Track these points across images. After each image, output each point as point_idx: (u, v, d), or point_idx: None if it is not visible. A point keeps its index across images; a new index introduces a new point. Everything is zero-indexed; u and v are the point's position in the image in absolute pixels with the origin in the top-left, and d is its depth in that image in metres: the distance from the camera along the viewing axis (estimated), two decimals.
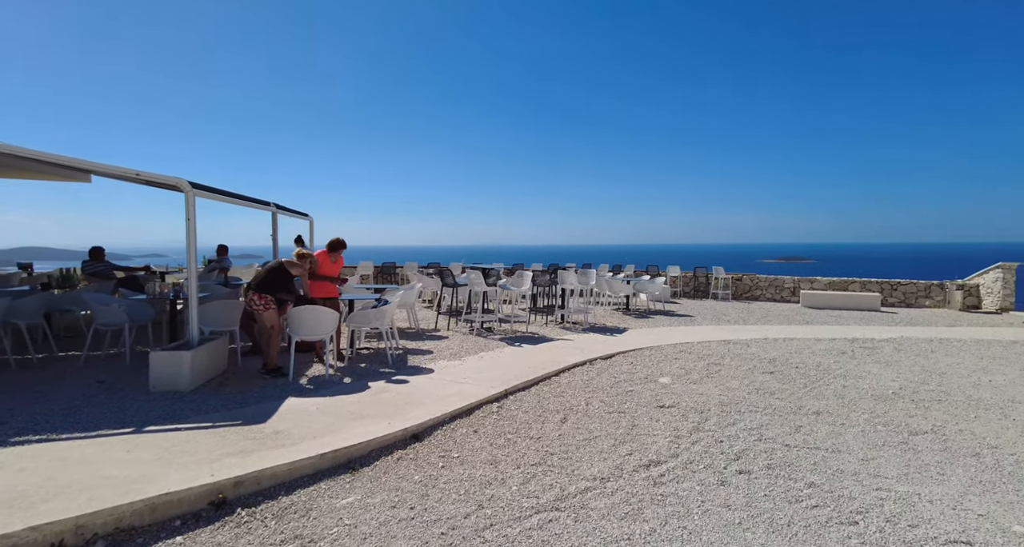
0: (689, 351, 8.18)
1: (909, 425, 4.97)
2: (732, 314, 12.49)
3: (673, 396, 5.81)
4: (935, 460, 4.18)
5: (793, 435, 4.70)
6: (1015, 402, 5.66)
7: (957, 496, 3.59)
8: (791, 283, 15.70)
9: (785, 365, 7.30)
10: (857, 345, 8.80)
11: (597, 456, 4.19)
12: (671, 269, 16.86)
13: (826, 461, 4.15)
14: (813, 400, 5.74)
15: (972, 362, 7.56)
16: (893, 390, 6.10)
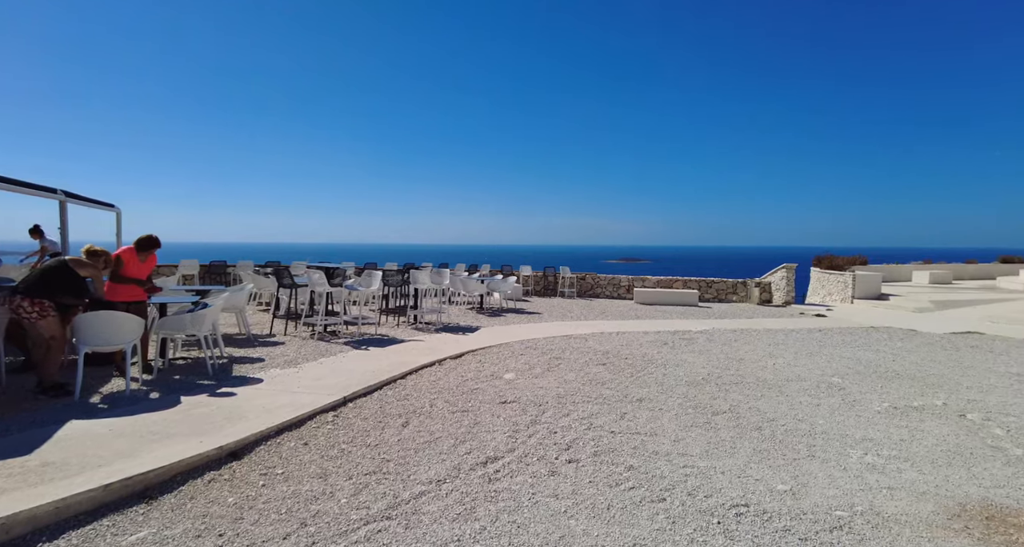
0: (534, 347, 8.53)
1: (712, 406, 5.68)
2: (576, 311, 13.33)
3: (516, 391, 5.99)
4: (729, 436, 4.81)
5: (619, 422, 5.11)
6: (788, 380, 6.78)
7: (742, 465, 4.17)
8: (626, 282, 17.23)
9: (616, 357, 7.95)
10: (677, 337, 9.90)
11: (436, 458, 4.14)
12: (523, 269, 17.52)
13: (644, 444, 4.56)
14: (638, 388, 6.31)
15: (763, 348, 8.92)
16: (703, 376, 6.95)
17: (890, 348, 9.04)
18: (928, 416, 5.41)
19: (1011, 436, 4.82)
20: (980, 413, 5.48)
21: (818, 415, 5.41)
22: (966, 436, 4.83)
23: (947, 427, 5.07)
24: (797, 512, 3.43)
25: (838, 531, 3.21)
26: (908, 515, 3.41)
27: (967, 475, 4.00)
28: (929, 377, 7.05)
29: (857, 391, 6.33)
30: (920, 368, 7.55)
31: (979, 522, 3.32)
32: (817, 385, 6.56)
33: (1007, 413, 5.50)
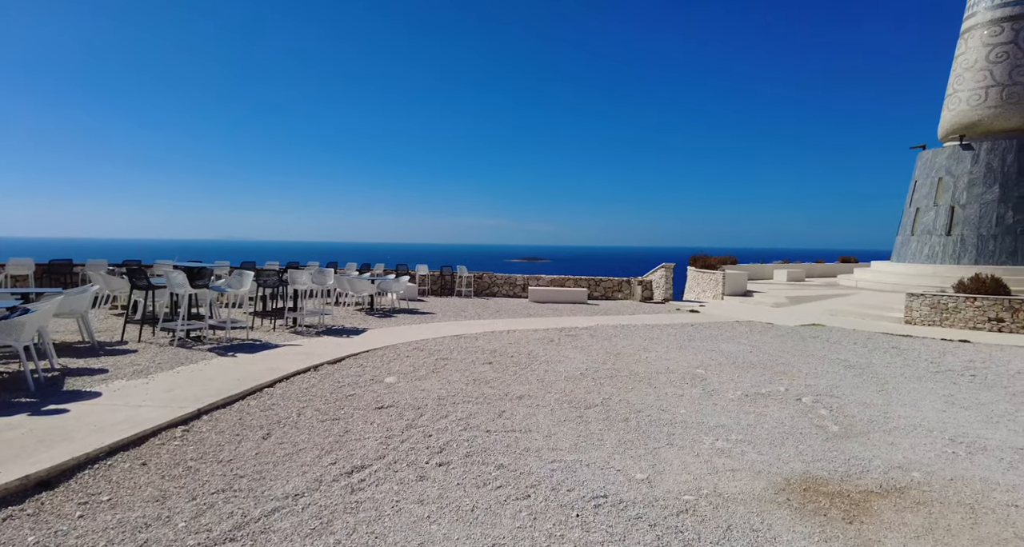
0: (422, 348, 8.38)
1: (586, 400, 5.90)
2: (470, 310, 13.33)
3: (395, 395, 5.83)
4: (598, 429, 5.02)
5: (496, 420, 5.14)
6: (658, 373, 7.24)
7: (607, 457, 4.36)
8: (522, 281, 17.55)
9: (503, 355, 8.03)
10: (564, 333, 10.23)
11: (296, 471, 3.89)
12: (419, 268, 17.23)
13: (518, 442, 4.62)
14: (519, 385, 6.41)
15: (639, 343, 9.47)
16: (581, 371, 7.21)
17: (749, 340, 9.97)
18: (772, 401, 6.01)
19: (832, 415, 5.49)
20: (812, 396, 6.20)
21: (680, 405, 5.81)
22: (799, 417, 5.43)
23: (786, 410, 5.67)
24: (651, 499, 3.64)
25: (684, 515, 3.44)
26: (744, 493, 3.75)
27: (795, 452, 4.49)
28: (778, 366, 7.86)
29: (717, 381, 6.89)
30: (772, 358, 8.40)
31: (798, 494, 3.72)
32: (683, 377, 7.05)
33: (832, 395, 6.27)
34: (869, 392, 6.46)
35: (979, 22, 16.95)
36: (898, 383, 6.93)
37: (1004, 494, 3.78)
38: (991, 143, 16.62)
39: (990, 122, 16.59)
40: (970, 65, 17.01)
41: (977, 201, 16.65)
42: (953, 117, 17.37)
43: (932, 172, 17.94)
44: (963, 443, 4.78)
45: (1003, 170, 16.36)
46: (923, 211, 18.03)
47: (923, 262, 17.61)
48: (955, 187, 17.15)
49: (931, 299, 12.03)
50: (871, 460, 4.34)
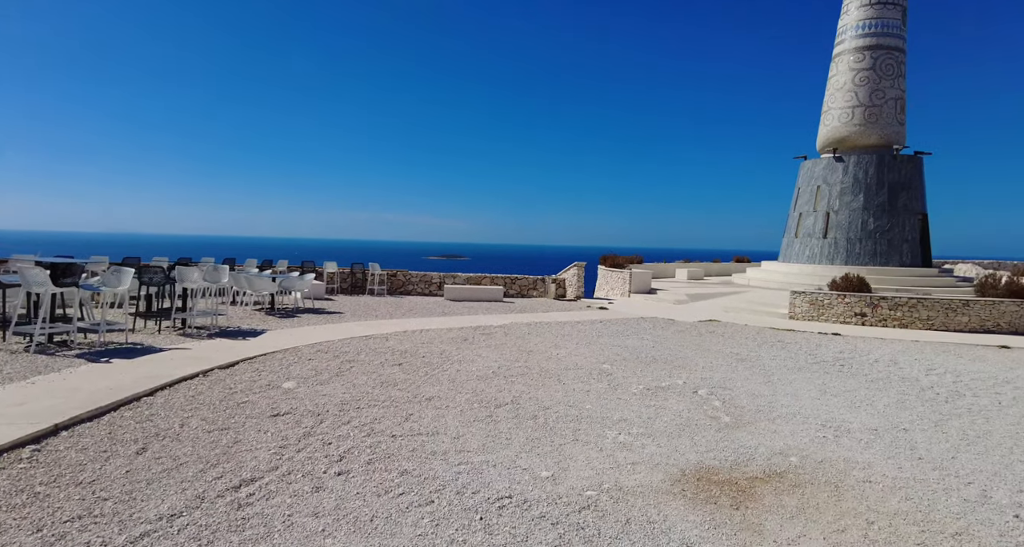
0: (327, 350, 7.98)
1: (497, 399, 5.88)
2: (382, 309, 12.93)
3: (293, 401, 5.48)
4: (507, 428, 5.01)
5: (402, 424, 4.97)
6: (567, 369, 7.39)
7: (514, 456, 4.35)
8: (438, 279, 17.31)
9: (414, 356, 7.84)
10: (478, 332, 10.19)
11: (175, 488, 3.52)
12: (328, 265, 16.46)
13: (424, 445, 4.50)
14: (429, 387, 6.27)
15: (551, 340, 9.64)
16: (493, 370, 7.20)
17: (653, 336, 10.47)
18: (671, 394, 6.32)
19: (725, 407, 5.87)
20: (707, 389, 6.59)
21: (587, 400, 5.95)
22: (695, 410, 5.75)
23: (683, 403, 5.98)
24: (554, 497, 3.67)
25: (586, 511, 3.50)
26: (643, 486, 3.89)
27: (690, 444, 4.73)
28: (677, 360, 8.30)
29: (621, 376, 7.14)
30: (672, 353, 8.86)
31: (692, 484, 3.92)
32: (590, 373, 7.24)
33: (725, 387, 6.72)
34: (757, 383, 6.97)
35: (847, 49, 18.98)
36: (782, 374, 7.55)
37: (861, 471, 4.21)
38: (857, 157, 18.67)
39: (856, 138, 18.63)
40: (840, 86, 19.00)
41: (847, 208, 18.64)
42: (828, 132, 19.31)
43: (812, 180, 19.85)
44: (831, 427, 5.28)
45: (866, 181, 18.44)
46: (805, 216, 19.89)
47: (805, 262, 19.44)
48: (830, 195, 19.09)
49: (810, 296, 13.29)
50: (756, 448, 4.67)
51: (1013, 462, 4.52)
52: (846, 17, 19.17)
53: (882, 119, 18.35)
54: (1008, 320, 11.88)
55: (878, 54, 18.40)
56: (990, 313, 11.91)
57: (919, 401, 6.34)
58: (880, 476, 4.14)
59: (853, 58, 18.74)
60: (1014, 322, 11.88)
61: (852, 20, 18.90)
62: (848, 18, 19.06)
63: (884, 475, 4.16)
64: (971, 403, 6.29)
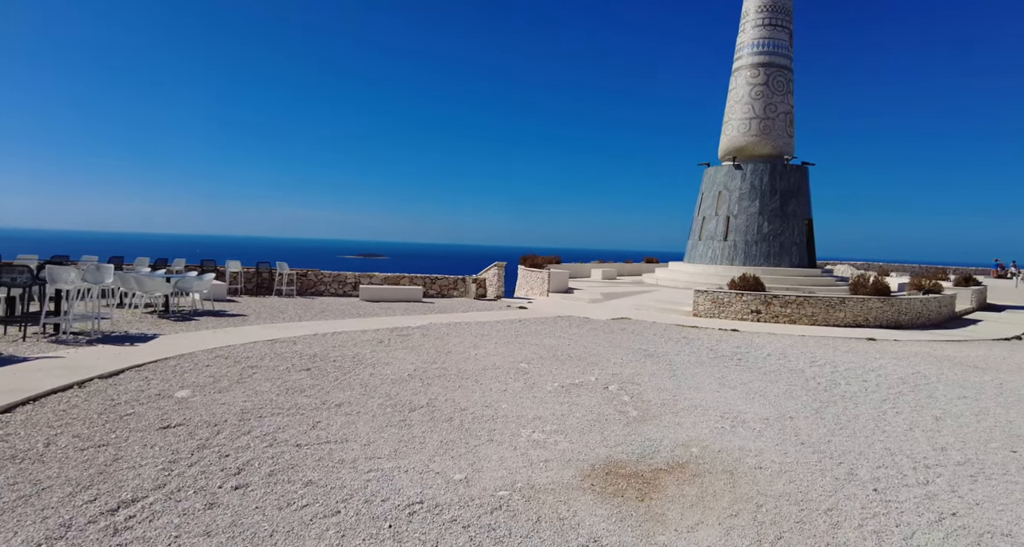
0: (227, 355, 7.45)
1: (411, 402, 5.76)
2: (291, 311, 12.28)
3: (187, 412, 5.05)
4: (421, 431, 4.92)
5: (308, 432, 4.73)
6: (486, 369, 7.40)
7: (427, 460, 4.28)
8: (353, 278, 16.72)
9: (325, 360, 7.50)
10: (395, 334, 9.94)
11: (34, 517, 3.12)
12: (230, 264, 15.39)
13: (332, 454, 4.30)
14: (340, 392, 6.02)
15: (470, 340, 9.61)
16: (409, 372, 7.05)
17: (569, 334, 10.73)
18: (584, 391, 6.50)
19: (633, 401, 6.13)
20: (617, 384, 6.85)
21: (503, 400, 5.98)
22: (605, 405, 5.95)
23: (595, 399, 6.18)
24: (467, 499, 3.64)
25: (498, 511, 3.50)
26: (555, 483, 3.95)
27: (600, 439, 4.89)
28: (591, 357, 8.56)
29: (538, 374, 7.25)
30: (586, 350, 9.13)
31: (601, 478, 4.05)
32: (508, 372, 7.29)
33: (634, 382, 7.01)
34: (663, 378, 7.34)
35: (744, 64, 20.56)
36: (686, 368, 8.00)
37: (753, 459, 4.55)
38: (753, 165, 20.26)
39: (752, 148, 20.22)
40: (739, 99, 20.53)
41: (745, 213, 20.16)
42: (728, 141, 20.80)
43: (714, 186, 21.27)
44: (729, 418, 5.67)
45: (761, 188, 20.06)
46: (708, 219, 21.28)
47: (708, 263, 20.79)
48: (730, 200, 20.56)
49: (712, 295, 14.22)
50: (661, 440, 4.90)
51: (874, 442, 5.07)
52: (743, 35, 20.73)
53: (774, 131, 20.03)
54: (875, 315, 13.37)
55: (771, 71, 20.07)
56: (861, 309, 13.34)
57: (803, 391, 6.96)
58: (769, 462, 4.49)
59: (750, 73, 20.30)
60: (879, 317, 13.40)
61: (748, 38, 20.47)
62: (745, 36, 20.62)
63: (772, 461, 4.52)
64: (844, 391, 7.01)
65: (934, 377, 7.96)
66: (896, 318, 13.52)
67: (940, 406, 6.42)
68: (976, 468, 4.53)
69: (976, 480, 4.29)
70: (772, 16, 20.15)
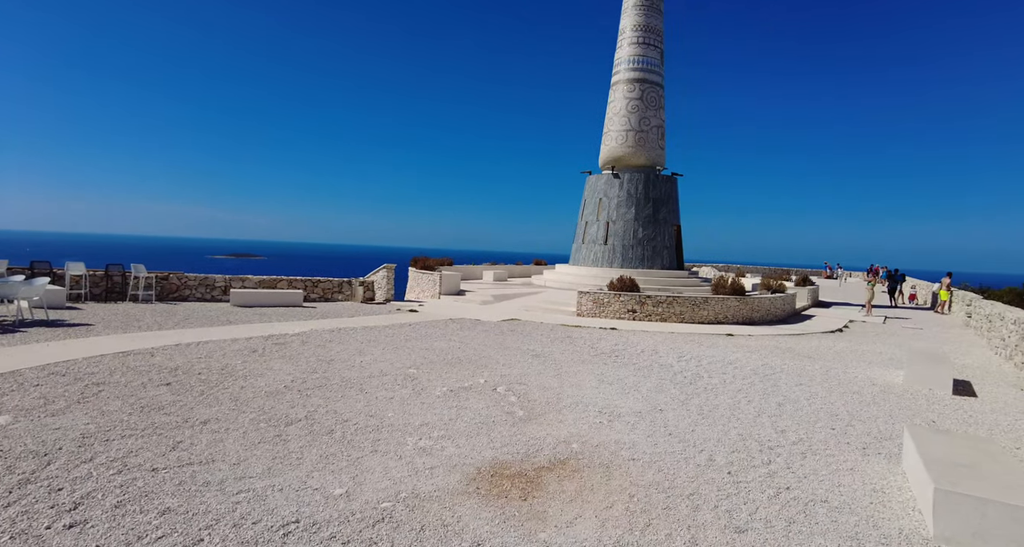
0: (64, 372, 6.48)
1: (288, 416, 5.41)
2: (149, 319, 10.98)
3: (6, 441, 4.31)
4: (299, 446, 4.64)
5: (168, 455, 4.26)
6: (371, 377, 7.17)
7: (305, 476, 4.04)
8: (223, 282, 15.34)
9: (188, 373, 6.81)
10: (271, 342, 9.27)
11: None
12: (71, 266, 13.40)
13: (195, 477, 3.92)
14: (205, 408, 5.49)
15: (355, 346, 9.25)
16: (286, 383, 6.62)
17: (459, 337, 10.74)
18: (473, 394, 6.54)
19: (520, 402, 6.29)
20: (505, 386, 6.99)
21: (389, 408, 5.83)
22: (493, 407, 6.04)
23: (483, 401, 6.24)
24: (347, 515, 3.50)
25: (380, 524, 3.40)
26: (440, 490, 3.93)
27: (487, 441, 4.95)
28: (480, 359, 8.63)
29: (427, 379, 7.16)
30: (476, 352, 9.19)
31: (487, 481, 4.10)
32: (395, 378, 7.12)
33: (521, 383, 7.20)
34: (548, 377, 7.61)
35: (622, 79, 22.04)
36: (569, 367, 8.36)
37: (628, 451, 4.88)
38: (630, 174, 21.76)
39: (629, 158, 21.71)
40: (617, 112, 21.95)
41: (622, 219, 21.57)
42: (608, 151, 22.13)
43: (596, 193, 22.51)
44: (607, 413, 6.02)
45: (636, 196, 21.61)
46: (590, 224, 22.45)
47: (590, 265, 21.92)
48: (610, 206, 21.87)
49: (594, 296, 15.02)
50: (544, 439, 5.08)
51: (730, 429, 5.68)
52: (620, 51, 22.18)
53: (648, 143, 21.65)
54: (732, 313, 14.97)
55: (645, 87, 21.68)
56: (721, 308, 14.86)
57: (672, 384, 7.59)
58: (641, 453, 4.83)
59: (626, 88, 21.76)
60: (736, 314, 15.02)
61: (625, 54, 21.93)
62: (622, 52, 22.07)
63: (644, 452, 4.87)
64: (707, 383, 7.75)
65: (779, 367, 9.09)
66: (750, 315, 15.23)
67: (782, 393, 7.34)
68: (806, 446, 5.25)
69: (806, 456, 4.97)
70: (645, 35, 21.77)
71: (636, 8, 21.87)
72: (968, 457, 4.04)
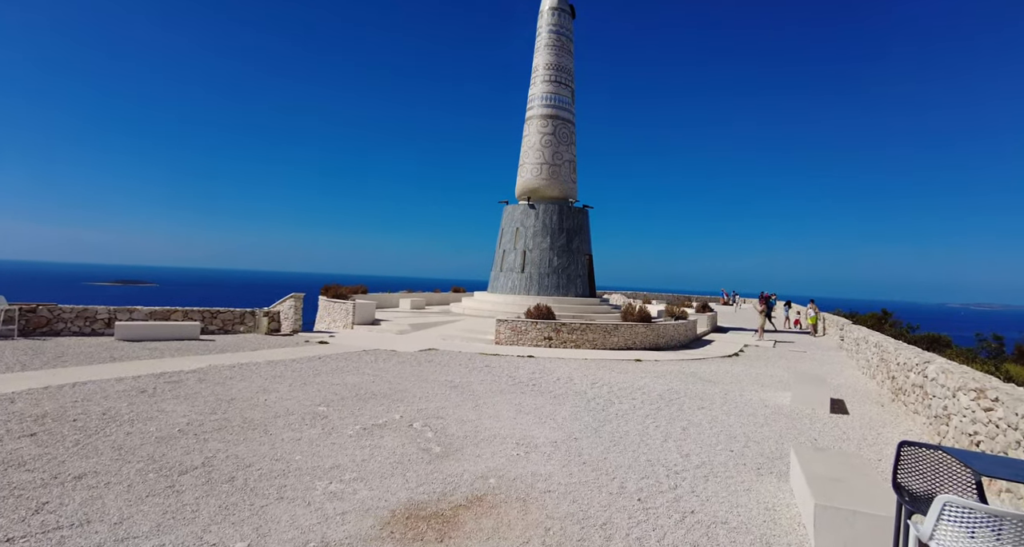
0: None
1: (182, 464, 4.96)
2: (8, 358, 9.67)
3: None
4: (194, 497, 4.26)
5: (28, 520, 3.75)
6: (277, 416, 6.75)
7: (200, 531, 3.71)
8: (106, 313, 13.87)
9: (60, 420, 6.05)
10: (163, 380, 8.48)
11: None
12: None
13: (64, 543, 3.47)
14: (81, 460, 4.90)
15: (259, 383, 8.67)
16: (180, 427, 6.07)
17: (374, 369, 10.41)
18: (388, 431, 6.35)
19: (437, 437, 6.19)
20: (422, 421, 6.85)
21: (297, 451, 5.51)
22: (409, 444, 5.90)
23: (399, 439, 6.07)
24: None
25: None
26: (352, 536, 3.76)
27: (402, 481, 4.81)
28: (396, 393, 8.41)
29: (337, 417, 6.86)
30: (391, 386, 8.95)
31: (401, 523, 3.98)
32: (303, 418, 6.76)
33: (439, 416, 7.09)
34: (467, 409, 7.56)
35: (535, 115, 22.99)
36: (487, 398, 8.36)
37: (544, 483, 4.94)
38: (545, 205, 22.52)
39: (544, 190, 22.50)
40: (532, 145, 22.79)
41: (538, 248, 22.17)
42: (524, 182, 22.80)
43: (513, 223, 23.00)
44: (523, 444, 6.07)
45: (551, 226, 22.36)
46: (508, 252, 22.84)
47: (508, 293, 22.20)
48: (527, 236, 22.43)
49: (512, 323, 15.20)
50: (462, 475, 5.03)
51: (639, 455, 5.93)
52: (534, 88, 23.17)
53: (561, 176, 22.58)
54: (640, 339, 15.73)
55: (558, 123, 22.73)
56: (630, 334, 15.58)
57: (586, 411, 7.81)
58: (557, 485, 4.91)
59: (540, 123, 22.69)
60: (644, 340, 15.81)
61: (539, 91, 22.93)
62: (536, 89, 23.07)
63: (560, 483, 4.96)
64: (618, 409, 8.06)
65: (683, 392, 9.64)
66: (656, 341, 16.08)
67: (687, 417, 7.79)
68: (708, 469, 5.59)
69: (708, 479, 5.29)
70: (557, 74, 22.93)
71: (548, 48, 23.04)
72: (841, 472, 4.50)
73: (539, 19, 23.72)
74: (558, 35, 23.16)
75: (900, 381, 9.17)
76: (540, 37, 23.41)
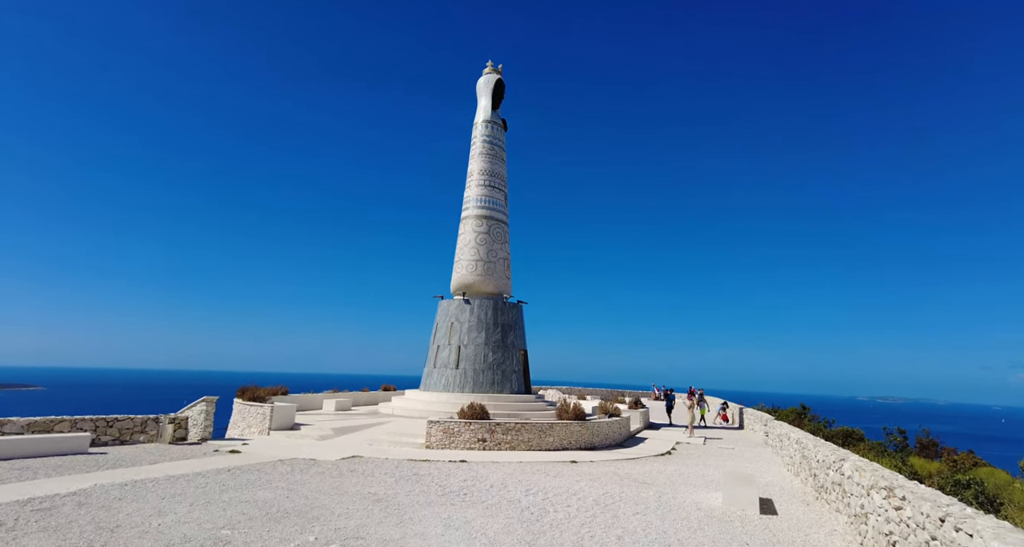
0: None
1: None
2: None
3: None
4: None
5: None
6: (171, 545, 5.92)
7: None
8: None
9: None
10: (30, 508, 7.30)
11: None
12: None
13: None
14: None
15: (153, 504, 7.65)
16: None
17: (288, 483, 9.50)
18: None
19: None
20: (339, 543, 6.23)
21: None
22: None
23: None
24: None
25: None
26: None
27: None
28: (313, 510, 7.67)
29: (242, 542, 6.12)
30: (307, 501, 8.16)
31: None
32: (202, 545, 5.97)
33: (359, 536, 6.48)
34: (390, 527, 6.97)
35: (471, 214, 23.97)
36: (414, 512, 7.78)
37: None
38: (480, 300, 22.76)
39: (479, 286, 22.87)
40: (467, 243, 23.47)
41: (473, 343, 22.02)
42: (459, 278, 23.13)
43: (447, 317, 22.92)
44: None
45: (487, 321, 22.46)
46: (442, 348, 22.47)
47: (441, 390, 21.52)
48: (461, 330, 22.31)
49: (444, 425, 14.59)
50: None
51: None
52: (469, 190, 24.35)
53: (496, 273, 23.14)
54: (575, 438, 15.49)
55: (492, 223, 23.72)
56: (565, 433, 15.33)
57: (519, 522, 7.41)
58: None
59: (475, 223, 23.60)
60: (579, 439, 15.57)
61: (474, 194, 24.10)
62: (471, 192, 24.24)
63: None
64: (552, 518, 7.71)
65: (618, 496, 9.42)
66: (591, 440, 15.88)
67: (621, 525, 7.56)
68: None
69: None
70: (491, 179, 24.33)
71: (482, 156, 24.62)
72: None
73: (474, 130, 25.54)
74: (491, 145, 24.91)
75: (821, 478, 9.46)
76: (475, 145, 25.06)
